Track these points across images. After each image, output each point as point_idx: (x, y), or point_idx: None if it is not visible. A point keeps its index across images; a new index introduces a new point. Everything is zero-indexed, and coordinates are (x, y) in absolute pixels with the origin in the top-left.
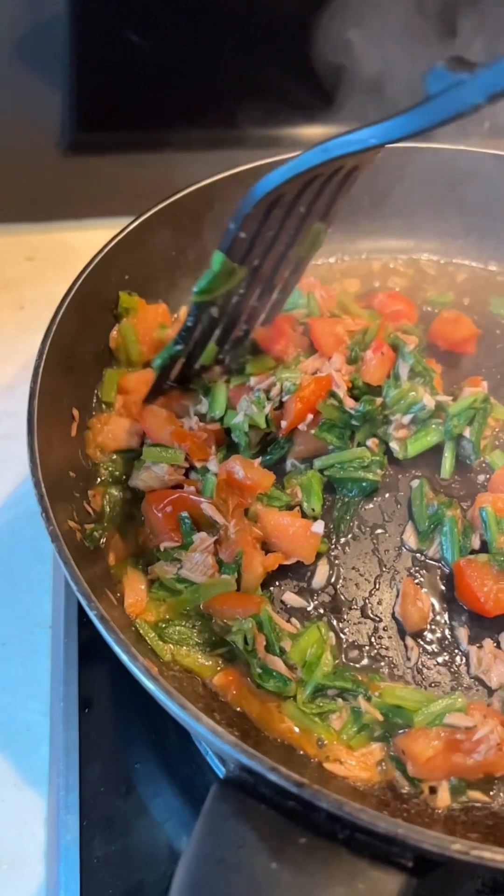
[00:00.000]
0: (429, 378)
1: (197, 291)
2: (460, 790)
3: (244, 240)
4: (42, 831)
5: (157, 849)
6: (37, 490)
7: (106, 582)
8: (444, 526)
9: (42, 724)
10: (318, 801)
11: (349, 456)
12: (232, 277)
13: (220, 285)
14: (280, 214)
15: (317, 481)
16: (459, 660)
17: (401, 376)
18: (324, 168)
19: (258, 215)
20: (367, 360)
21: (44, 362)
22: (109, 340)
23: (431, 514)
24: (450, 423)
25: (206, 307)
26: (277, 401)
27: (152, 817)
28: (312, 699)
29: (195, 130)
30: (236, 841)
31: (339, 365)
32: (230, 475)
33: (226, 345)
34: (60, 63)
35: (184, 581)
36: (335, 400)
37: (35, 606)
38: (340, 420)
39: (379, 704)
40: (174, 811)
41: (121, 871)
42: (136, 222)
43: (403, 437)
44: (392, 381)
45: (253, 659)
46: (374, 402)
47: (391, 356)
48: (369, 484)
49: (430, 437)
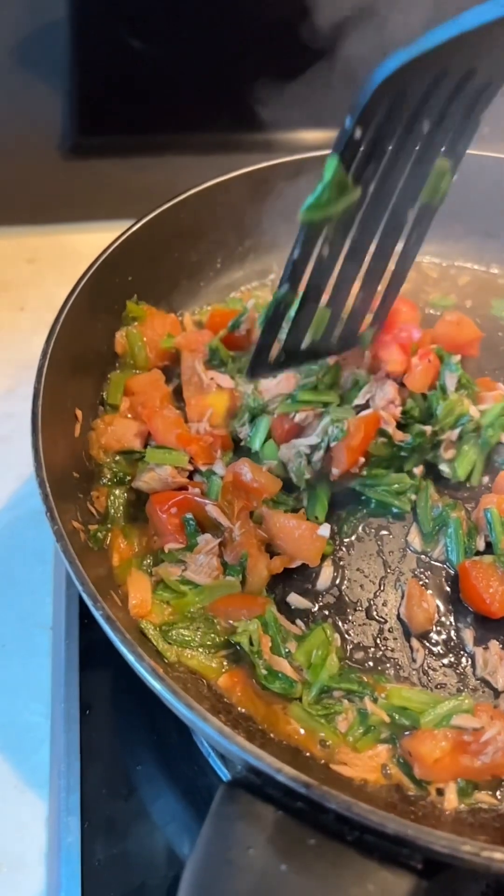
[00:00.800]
0: (472, 390)
1: (306, 207)
2: (468, 792)
3: (359, 143)
4: (43, 833)
5: (158, 851)
6: (41, 490)
7: (109, 583)
8: (449, 527)
9: (43, 725)
10: (326, 802)
11: (388, 481)
12: (344, 194)
13: (332, 201)
14: (401, 120)
15: (324, 491)
16: (465, 661)
17: (448, 387)
18: (455, 59)
19: (377, 109)
20: (414, 367)
21: (48, 363)
22: (115, 345)
23: (436, 515)
24: (486, 433)
25: (315, 234)
26: (325, 446)
27: (154, 820)
28: (318, 701)
29: (196, 134)
30: (245, 842)
31: (393, 395)
32: (237, 477)
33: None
34: (62, 67)
35: (188, 583)
36: (385, 437)
37: (36, 607)
38: (390, 455)
39: (385, 706)
40: (176, 813)
41: (122, 873)
42: (138, 225)
43: (452, 458)
44: (439, 394)
45: (258, 660)
46: (426, 433)
47: (436, 364)
48: (398, 510)
49: (472, 453)
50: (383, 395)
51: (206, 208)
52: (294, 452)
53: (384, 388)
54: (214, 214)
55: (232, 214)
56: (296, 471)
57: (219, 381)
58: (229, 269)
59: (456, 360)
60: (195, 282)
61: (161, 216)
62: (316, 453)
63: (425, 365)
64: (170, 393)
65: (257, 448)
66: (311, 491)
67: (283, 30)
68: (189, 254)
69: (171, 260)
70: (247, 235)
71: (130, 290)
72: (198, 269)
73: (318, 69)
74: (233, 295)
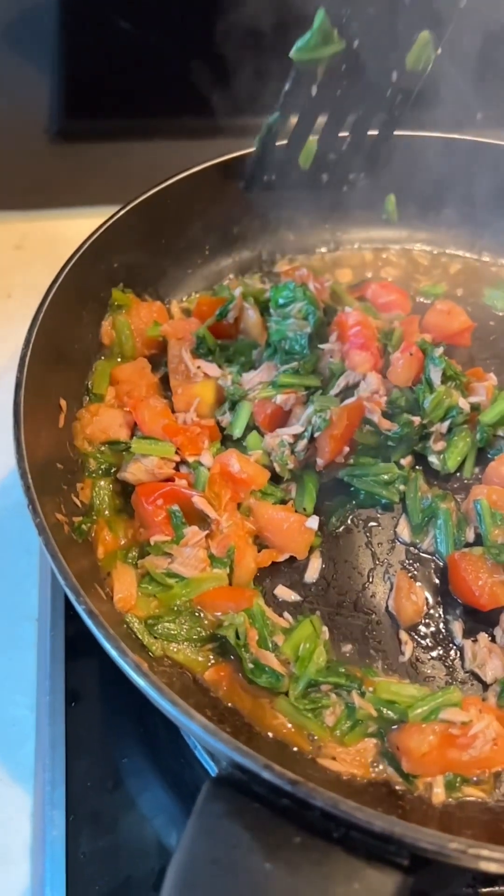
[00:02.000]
0: (459, 382)
1: (295, 49)
2: (455, 785)
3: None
4: (28, 827)
5: (144, 845)
6: (23, 482)
7: (94, 576)
8: (439, 519)
9: (28, 718)
10: (312, 799)
11: (375, 470)
12: (329, 42)
13: (318, 47)
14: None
15: (312, 481)
16: (454, 654)
17: (433, 381)
18: None
19: None
20: (395, 362)
21: (30, 352)
22: (102, 335)
23: (425, 507)
24: (484, 431)
25: (306, 74)
26: (308, 436)
27: (140, 813)
28: (305, 694)
29: (184, 118)
30: (230, 841)
31: (377, 385)
32: (224, 468)
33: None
34: (49, 49)
35: (174, 575)
36: (371, 426)
37: (21, 599)
38: (377, 443)
39: (373, 700)
40: (162, 806)
41: (107, 867)
42: (124, 210)
43: (441, 450)
44: (426, 388)
45: (245, 654)
46: (413, 423)
47: (419, 357)
48: (387, 502)
49: (462, 445)
50: (367, 387)
51: (195, 194)
52: (277, 442)
53: (367, 379)
54: (203, 200)
55: (221, 200)
56: (279, 460)
57: (206, 370)
58: (218, 256)
59: (439, 353)
60: (183, 269)
61: (147, 202)
62: (300, 442)
63: (407, 359)
64: (157, 382)
65: (238, 435)
66: (300, 482)
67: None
68: (177, 240)
69: (159, 246)
70: (235, 222)
71: (116, 278)
72: (186, 256)
73: None
74: (221, 282)
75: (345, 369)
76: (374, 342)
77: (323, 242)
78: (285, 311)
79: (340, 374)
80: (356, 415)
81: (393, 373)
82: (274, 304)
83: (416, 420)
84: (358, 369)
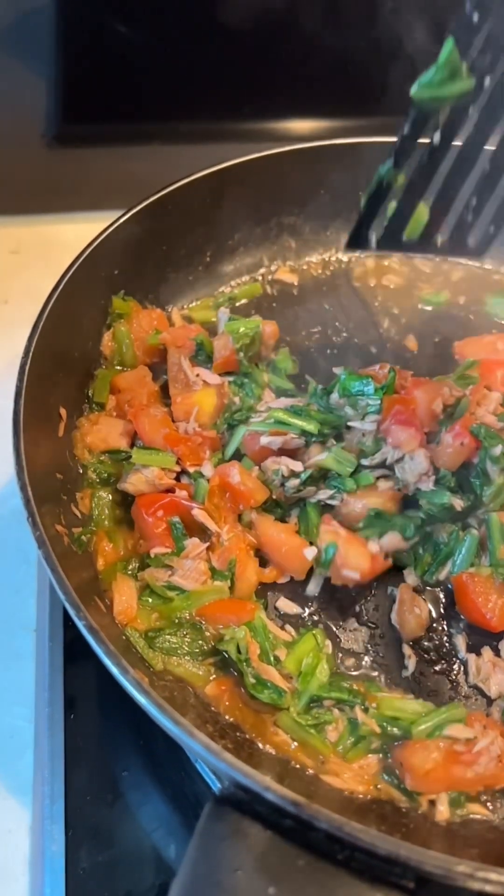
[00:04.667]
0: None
1: (418, 84)
2: (460, 803)
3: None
4: (26, 841)
5: (144, 859)
6: (23, 494)
7: (94, 588)
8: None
9: (27, 730)
10: (316, 821)
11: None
12: (456, 79)
13: (443, 83)
14: None
15: (315, 513)
16: (458, 668)
17: (490, 475)
18: None
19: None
20: (444, 444)
21: (30, 360)
22: (103, 346)
23: (441, 550)
24: None
25: (426, 117)
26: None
27: (140, 826)
28: (308, 710)
29: (184, 123)
30: (232, 863)
31: (426, 467)
32: (224, 479)
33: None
34: (46, 53)
35: (175, 588)
36: None
37: (20, 609)
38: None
39: (376, 716)
40: (163, 820)
41: (107, 881)
42: (126, 216)
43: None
44: (482, 478)
45: (246, 669)
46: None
47: (471, 447)
48: None
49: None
50: (414, 468)
51: (196, 200)
52: (273, 469)
53: (415, 458)
54: (203, 207)
55: (221, 207)
56: (271, 485)
57: (205, 378)
58: (219, 262)
59: (498, 452)
60: (184, 276)
61: (148, 208)
62: (292, 480)
63: (457, 448)
64: (157, 391)
65: (227, 457)
66: (302, 509)
67: (272, 18)
68: (177, 247)
69: (159, 253)
70: (237, 229)
71: (116, 285)
72: (186, 263)
73: (308, 58)
74: (222, 290)
75: (380, 448)
76: (416, 416)
77: (325, 250)
78: (352, 400)
79: (371, 454)
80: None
81: (439, 456)
82: (342, 388)
83: (457, 504)
84: (403, 448)
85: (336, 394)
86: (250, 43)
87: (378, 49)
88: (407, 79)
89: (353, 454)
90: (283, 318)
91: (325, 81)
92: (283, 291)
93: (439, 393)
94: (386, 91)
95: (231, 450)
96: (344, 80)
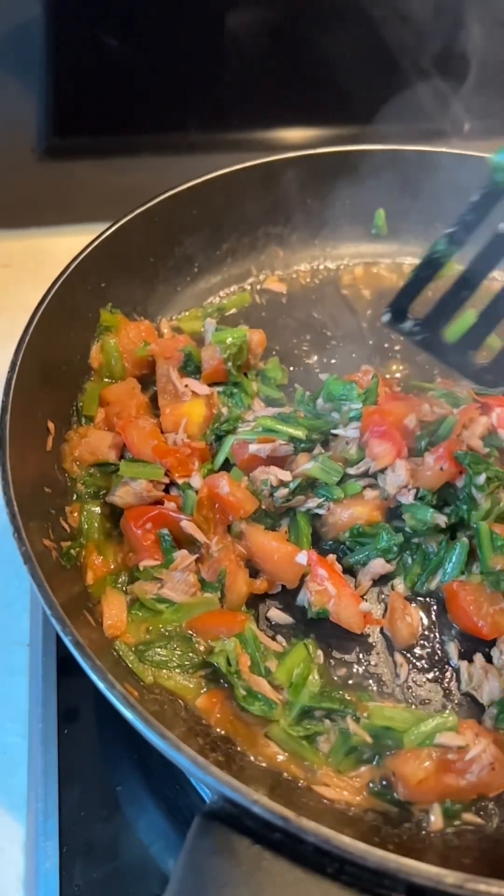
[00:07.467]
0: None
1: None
2: (454, 813)
3: None
4: (21, 858)
5: (140, 875)
6: (8, 509)
7: (83, 602)
8: (456, 549)
9: (20, 745)
10: (304, 834)
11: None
12: None
13: None
14: None
15: (305, 522)
16: (450, 675)
17: (477, 500)
18: None
19: None
20: (425, 465)
21: (17, 374)
22: (91, 360)
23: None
24: None
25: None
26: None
27: (135, 842)
28: (299, 721)
29: (173, 135)
30: (220, 880)
31: (406, 479)
32: (212, 490)
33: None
34: (36, 67)
35: (165, 601)
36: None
37: (12, 623)
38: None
39: (367, 726)
40: (158, 835)
41: None
42: (113, 228)
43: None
44: (469, 503)
45: (237, 681)
46: (439, 526)
47: (452, 472)
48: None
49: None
50: (395, 480)
51: (183, 211)
52: (262, 479)
53: (396, 470)
54: (191, 217)
55: (209, 217)
56: (260, 495)
57: (194, 388)
58: (207, 273)
59: (483, 481)
60: (172, 287)
61: (135, 220)
62: (281, 489)
63: (437, 473)
64: (146, 402)
65: (216, 468)
66: (292, 518)
67: (259, 30)
68: (165, 258)
69: (147, 265)
70: (224, 239)
71: (104, 297)
72: (174, 274)
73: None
74: (210, 300)
75: (363, 457)
76: (396, 430)
77: (312, 258)
78: (337, 405)
79: (354, 463)
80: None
81: (419, 473)
82: (327, 392)
83: (443, 521)
84: (379, 461)
85: (322, 399)
86: (238, 54)
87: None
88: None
89: (339, 463)
90: (272, 327)
91: (313, 91)
92: (272, 300)
93: (414, 409)
94: (371, 101)
95: (220, 460)
96: (332, 91)
